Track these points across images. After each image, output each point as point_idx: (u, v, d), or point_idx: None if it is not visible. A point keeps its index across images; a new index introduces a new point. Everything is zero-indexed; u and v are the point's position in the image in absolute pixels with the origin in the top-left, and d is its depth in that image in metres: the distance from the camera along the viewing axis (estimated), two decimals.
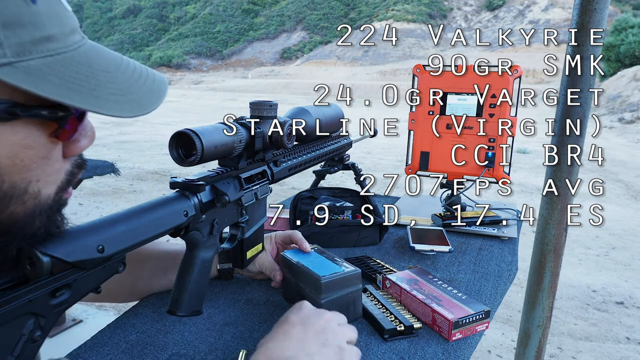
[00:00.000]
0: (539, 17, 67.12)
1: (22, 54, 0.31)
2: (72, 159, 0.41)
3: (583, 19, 1.22)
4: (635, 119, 12.71)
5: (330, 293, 0.71)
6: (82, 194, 5.03)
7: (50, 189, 0.39)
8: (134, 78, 0.39)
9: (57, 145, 0.38)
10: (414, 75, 1.39)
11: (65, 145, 0.39)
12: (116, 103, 0.36)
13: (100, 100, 0.35)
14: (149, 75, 0.41)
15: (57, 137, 0.37)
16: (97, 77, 0.36)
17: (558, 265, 1.40)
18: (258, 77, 52.21)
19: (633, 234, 4.21)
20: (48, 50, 0.33)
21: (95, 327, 1.32)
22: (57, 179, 0.39)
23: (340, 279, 0.72)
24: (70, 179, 0.41)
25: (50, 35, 0.33)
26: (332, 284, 0.71)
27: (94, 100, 0.34)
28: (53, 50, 0.33)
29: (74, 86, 0.33)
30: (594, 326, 2.62)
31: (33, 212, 0.38)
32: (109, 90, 0.36)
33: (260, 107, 0.73)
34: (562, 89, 1.31)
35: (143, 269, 0.81)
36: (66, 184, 0.41)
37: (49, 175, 0.38)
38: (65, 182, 0.40)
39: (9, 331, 0.39)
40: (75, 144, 0.40)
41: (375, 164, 7.16)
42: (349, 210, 1.17)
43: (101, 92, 0.35)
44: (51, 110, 0.34)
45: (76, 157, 0.42)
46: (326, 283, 0.70)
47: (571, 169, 1.32)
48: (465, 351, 0.70)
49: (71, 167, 0.41)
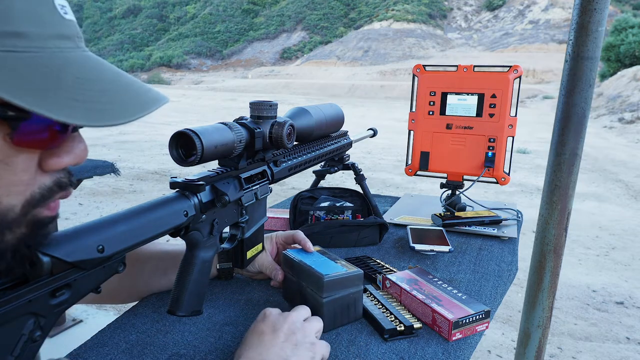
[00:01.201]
0: (539, 17, 67.15)
1: None
2: (55, 174, 0.38)
3: (583, 19, 1.22)
4: (635, 119, 12.71)
5: (332, 292, 0.71)
6: (82, 194, 5.04)
7: (12, 200, 0.35)
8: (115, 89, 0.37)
9: (20, 153, 0.35)
10: (414, 75, 1.39)
11: (43, 156, 0.37)
12: (71, 109, 0.32)
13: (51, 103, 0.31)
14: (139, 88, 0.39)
15: (14, 142, 0.34)
16: (63, 81, 0.33)
17: (558, 265, 1.40)
18: (258, 77, 52.21)
19: (633, 234, 4.21)
20: (14, 46, 0.31)
21: (95, 327, 1.32)
22: (25, 190, 0.36)
23: (342, 278, 0.72)
24: (45, 196, 0.38)
25: (21, 32, 0.32)
26: (335, 283, 0.71)
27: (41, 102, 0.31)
28: (20, 47, 0.32)
29: (25, 84, 0.31)
30: (594, 326, 2.62)
31: None
32: (69, 95, 0.33)
33: (260, 107, 0.73)
34: (562, 88, 1.31)
35: (143, 269, 0.81)
36: (39, 198, 0.37)
37: (12, 184, 0.35)
38: (38, 196, 0.37)
39: (9, 331, 0.39)
40: (55, 158, 0.37)
41: (375, 164, 7.16)
42: (349, 210, 1.17)
43: (59, 96, 0.32)
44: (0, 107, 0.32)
45: (60, 173, 0.39)
46: (329, 282, 0.71)
47: (571, 168, 1.32)
48: (465, 351, 0.70)
49: (51, 182, 0.38)
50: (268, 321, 0.63)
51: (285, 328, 0.62)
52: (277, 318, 0.64)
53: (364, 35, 68.39)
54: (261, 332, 0.61)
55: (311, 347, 0.61)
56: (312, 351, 0.61)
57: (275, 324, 0.63)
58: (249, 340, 0.61)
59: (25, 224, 0.37)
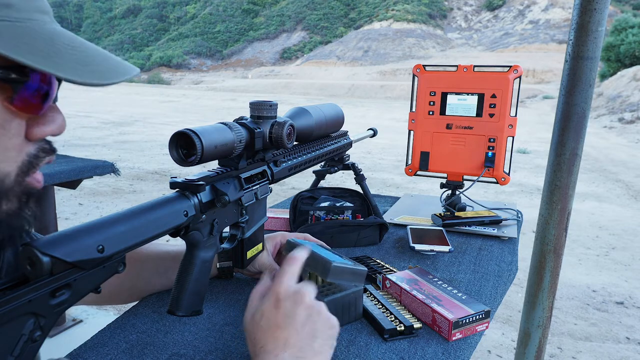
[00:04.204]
0: (539, 17, 67.16)
1: None
2: (38, 143, 0.41)
3: (583, 19, 1.22)
4: (635, 119, 12.71)
5: (336, 279, 0.71)
6: (82, 194, 5.04)
7: (8, 166, 0.38)
8: (101, 57, 0.39)
9: (16, 117, 0.37)
10: (414, 75, 1.39)
11: (30, 125, 0.39)
12: (74, 70, 0.36)
13: (58, 65, 0.35)
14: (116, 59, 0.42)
15: (14, 105, 0.36)
16: (58, 47, 0.36)
17: (558, 265, 1.40)
18: (258, 77, 52.22)
19: (633, 234, 4.21)
20: (7, 16, 0.34)
21: (95, 327, 1.32)
22: (16, 157, 0.39)
23: (349, 269, 0.72)
24: (34, 163, 0.41)
25: (10, 3, 0.34)
26: (341, 271, 0.70)
27: (51, 64, 0.34)
28: (13, 18, 0.34)
29: (29, 48, 0.33)
30: (594, 326, 2.62)
31: None
32: (68, 59, 0.36)
33: (260, 107, 0.73)
34: (562, 88, 1.31)
35: (143, 269, 0.81)
36: (28, 166, 0.40)
37: (6, 149, 0.37)
38: (27, 164, 0.40)
39: (9, 331, 0.39)
40: (40, 126, 0.40)
41: (375, 164, 7.16)
42: (349, 210, 1.17)
43: (59, 59, 0.35)
44: (3, 70, 0.34)
45: (42, 142, 0.41)
46: (336, 267, 0.70)
47: (571, 168, 1.32)
48: (465, 351, 0.70)
49: (35, 150, 0.41)
50: (282, 310, 0.58)
51: (301, 317, 0.57)
52: (290, 307, 0.58)
53: (364, 35, 68.40)
54: (276, 326, 0.57)
55: (330, 331, 0.58)
56: (332, 337, 0.58)
57: (290, 314, 0.57)
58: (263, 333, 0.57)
59: (18, 193, 0.39)
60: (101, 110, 14.09)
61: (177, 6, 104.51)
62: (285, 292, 0.59)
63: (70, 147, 7.58)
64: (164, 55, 76.52)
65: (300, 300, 0.58)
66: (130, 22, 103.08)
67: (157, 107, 16.97)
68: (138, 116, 13.23)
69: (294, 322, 0.57)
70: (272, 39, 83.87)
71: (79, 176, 1.81)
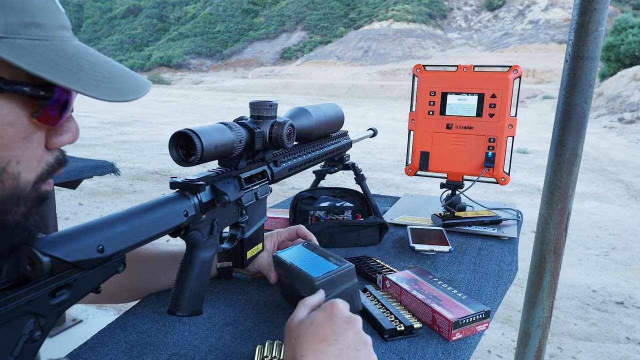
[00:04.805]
0: (539, 17, 67.18)
1: (10, 32, 0.33)
2: (55, 153, 0.43)
3: (583, 19, 1.22)
4: (635, 119, 12.71)
5: (326, 292, 0.70)
6: (82, 194, 5.04)
7: (30, 175, 0.40)
8: (119, 73, 0.41)
9: (38, 130, 0.39)
10: (414, 75, 1.39)
11: (48, 136, 0.41)
12: (97, 87, 0.38)
13: (82, 82, 0.37)
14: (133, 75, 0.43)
15: (38, 119, 0.38)
16: (81, 64, 0.38)
17: (558, 265, 1.40)
18: (258, 77, 52.23)
19: (633, 234, 4.21)
20: (36, 35, 0.35)
21: (95, 327, 1.32)
22: (37, 166, 0.40)
23: (334, 277, 0.71)
24: (51, 171, 0.42)
25: (39, 23, 0.36)
26: (327, 284, 0.70)
27: (76, 82, 0.36)
28: (41, 36, 0.36)
29: (57, 67, 0.35)
30: (594, 326, 2.62)
31: (11, 196, 0.38)
32: (91, 76, 0.38)
33: (260, 107, 0.73)
34: (562, 88, 1.31)
35: (143, 269, 0.81)
36: (46, 174, 0.42)
37: (30, 160, 0.39)
38: (45, 172, 0.41)
39: (9, 331, 0.39)
40: (58, 136, 0.41)
41: (375, 164, 7.16)
42: (349, 210, 1.17)
43: (83, 76, 0.37)
44: (33, 88, 0.36)
45: (58, 152, 0.43)
46: (320, 284, 0.69)
47: (571, 168, 1.32)
48: (465, 351, 0.70)
49: (53, 160, 0.42)
50: (334, 324, 0.58)
51: (349, 340, 0.58)
52: (342, 325, 0.59)
53: (364, 35, 68.39)
54: (323, 338, 0.57)
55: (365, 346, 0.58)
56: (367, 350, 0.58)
57: (339, 332, 0.58)
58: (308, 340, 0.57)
59: (32, 198, 0.41)
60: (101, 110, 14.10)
61: (177, 6, 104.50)
62: (341, 312, 0.60)
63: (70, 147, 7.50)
64: (164, 55, 76.52)
65: (353, 325, 0.59)
66: (130, 22, 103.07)
67: (157, 107, 16.97)
68: (138, 116, 13.23)
69: (342, 341, 0.57)
70: (272, 39, 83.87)
71: (79, 176, 1.81)
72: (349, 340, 0.57)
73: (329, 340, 0.57)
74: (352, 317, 0.60)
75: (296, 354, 0.56)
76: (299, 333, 0.58)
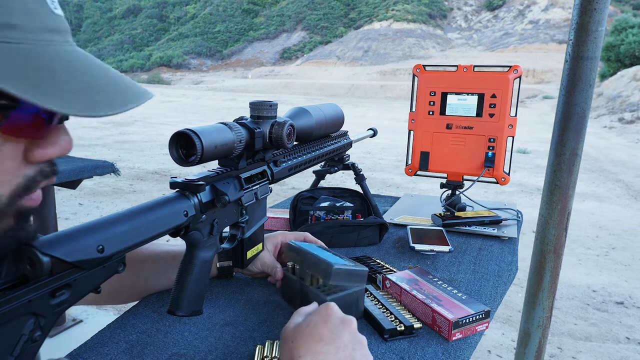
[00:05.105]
0: (539, 17, 67.17)
1: None
2: (38, 166, 0.39)
3: (583, 19, 1.22)
4: (635, 119, 12.72)
5: (338, 281, 0.71)
6: (82, 194, 5.04)
7: (1, 189, 0.36)
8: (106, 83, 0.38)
9: (7, 142, 0.36)
10: (414, 75, 1.39)
11: (29, 148, 0.37)
12: (63, 99, 0.33)
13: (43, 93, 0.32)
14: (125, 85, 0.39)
15: (3, 130, 0.35)
16: (56, 72, 0.34)
17: (558, 265, 1.40)
18: (258, 77, 52.22)
19: (633, 234, 4.21)
20: (5, 37, 0.32)
21: (95, 327, 1.32)
22: (10, 180, 0.37)
23: (351, 270, 0.72)
24: (30, 186, 0.39)
25: (14, 24, 0.33)
26: (342, 274, 0.71)
27: (33, 91, 0.32)
28: (13, 39, 0.33)
29: (19, 74, 0.32)
30: (594, 326, 2.62)
31: None
32: (61, 86, 0.34)
33: (260, 107, 0.73)
34: (562, 88, 1.31)
35: (143, 269, 0.81)
36: (24, 189, 0.38)
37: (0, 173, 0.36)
38: (22, 186, 0.38)
39: (9, 331, 0.39)
40: (39, 149, 0.38)
41: (375, 164, 7.16)
42: (349, 210, 1.17)
43: (49, 86, 0.33)
44: None
45: (44, 164, 0.39)
46: (337, 270, 0.70)
47: (571, 168, 1.32)
48: (465, 351, 0.70)
49: (34, 173, 0.39)
50: (330, 325, 0.59)
51: (345, 339, 0.59)
52: (337, 325, 0.60)
53: (364, 35, 68.40)
54: (320, 338, 0.58)
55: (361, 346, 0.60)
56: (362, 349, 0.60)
57: (335, 332, 0.59)
58: (305, 342, 0.58)
59: (11, 214, 0.38)
60: None
61: (177, 6, 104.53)
62: (335, 313, 0.61)
63: None
64: (164, 55, 76.54)
65: (347, 325, 0.60)
66: (130, 22, 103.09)
67: (157, 107, 16.96)
68: (138, 116, 13.23)
69: (338, 340, 0.58)
70: (272, 39, 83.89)
71: (79, 176, 1.81)
72: (345, 339, 0.58)
73: (325, 340, 0.58)
74: (347, 318, 0.61)
75: (294, 355, 0.56)
76: (295, 336, 0.59)
